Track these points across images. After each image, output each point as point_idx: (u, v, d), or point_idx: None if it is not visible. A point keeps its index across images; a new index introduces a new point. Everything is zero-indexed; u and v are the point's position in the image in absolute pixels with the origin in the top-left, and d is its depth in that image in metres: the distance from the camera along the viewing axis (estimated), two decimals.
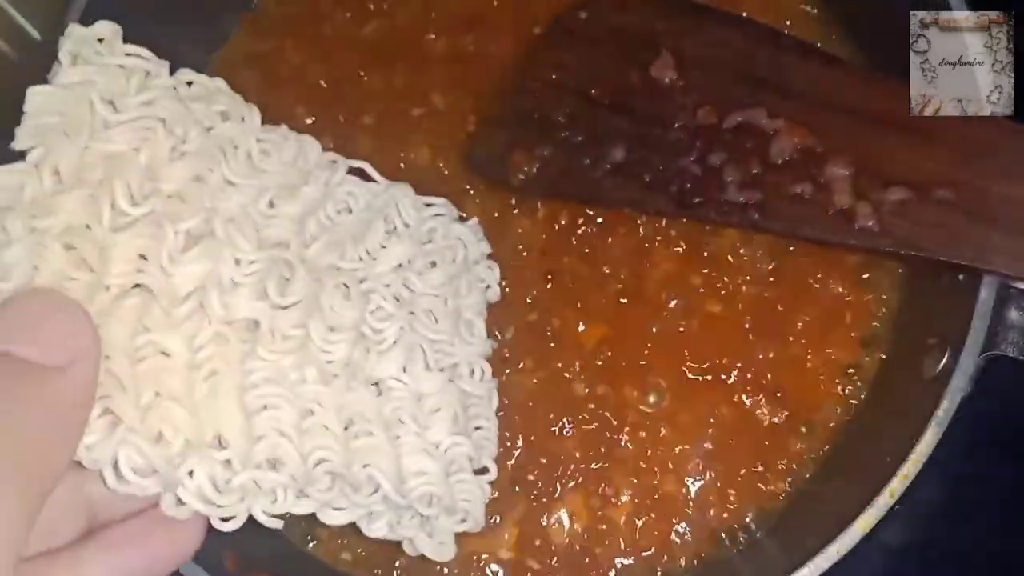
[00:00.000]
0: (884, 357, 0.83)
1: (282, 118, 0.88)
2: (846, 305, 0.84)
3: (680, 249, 0.85)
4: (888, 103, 0.74)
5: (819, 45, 0.84)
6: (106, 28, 0.55)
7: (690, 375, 0.83)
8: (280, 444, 0.52)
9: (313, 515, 0.56)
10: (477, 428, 0.65)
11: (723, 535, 0.80)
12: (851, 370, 0.83)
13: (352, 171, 0.66)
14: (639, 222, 0.85)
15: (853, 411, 0.82)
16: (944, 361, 0.73)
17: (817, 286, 0.84)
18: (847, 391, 0.83)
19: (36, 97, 0.51)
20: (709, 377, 0.83)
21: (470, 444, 0.62)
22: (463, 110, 0.91)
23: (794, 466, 0.81)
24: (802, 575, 0.68)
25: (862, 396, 0.82)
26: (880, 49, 0.84)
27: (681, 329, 0.83)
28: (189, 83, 0.57)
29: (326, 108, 0.91)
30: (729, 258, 0.84)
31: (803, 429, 0.82)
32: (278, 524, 0.53)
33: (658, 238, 0.85)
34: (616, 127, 0.84)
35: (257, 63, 0.93)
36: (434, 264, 0.65)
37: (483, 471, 0.65)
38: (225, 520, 0.51)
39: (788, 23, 0.90)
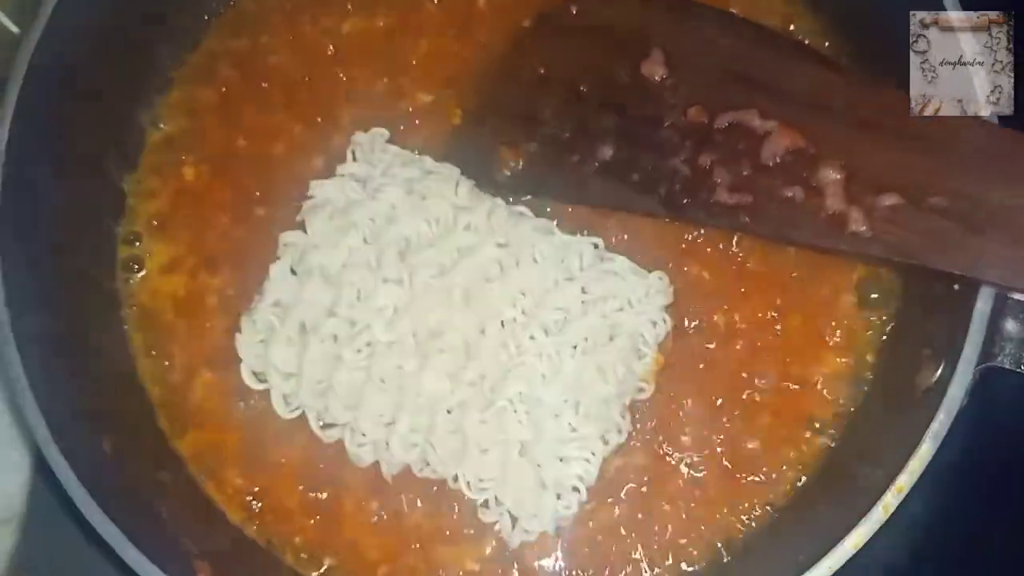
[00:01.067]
0: (877, 368, 0.81)
1: (263, 119, 0.88)
2: (837, 313, 0.82)
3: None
4: (883, 108, 0.72)
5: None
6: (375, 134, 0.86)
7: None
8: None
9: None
10: (584, 459, 0.78)
11: (719, 544, 0.79)
12: (843, 381, 0.81)
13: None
14: None
15: (845, 424, 0.80)
16: (939, 373, 0.71)
17: (807, 292, 0.82)
18: (839, 404, 0.81)
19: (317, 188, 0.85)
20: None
21: (558, 468, 0.77)
22: (448, 104, 0.89)
23: (786, 478, 0.80)
24: None
25: (854, 409, 0.81)
26: (874, 54, 0.82)
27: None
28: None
29: (305, 107, 0.90)
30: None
31: (791, 440, 0.80)
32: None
33: None
34: (605, 124, 0.82)
35: (235, 61, 0.92)
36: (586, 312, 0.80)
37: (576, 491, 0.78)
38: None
39: (781, 25, 0.88)
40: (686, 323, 0.83)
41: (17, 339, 0.72)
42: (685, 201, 0.77)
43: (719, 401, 0.82)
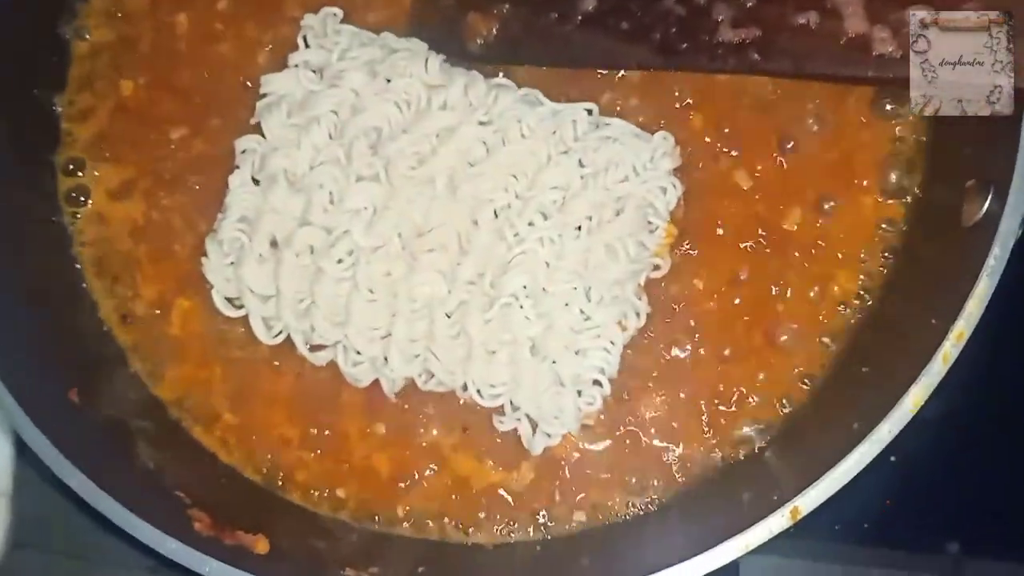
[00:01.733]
0: (916, 207, 0.75)
1: (201, 17, 0.82)
2: (864, 151, 0.76)
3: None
4: None
5: None
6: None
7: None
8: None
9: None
10: (602, 349, 0.73)
11: (753, 429, 0.74)
12: (877, 228, 0.76)
13: None
14: None
15: (887, 276, 0.75)
16: (988, 204, 0.65)
17: (830, 130, 0.76)
18: (877, 256, 0.75)
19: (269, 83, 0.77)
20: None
21: (575, 362, 0.73)
22: None
23: (825, 345, 0.75)
24: (859, 455, 0.62)
25: (894, 258, 0.75)
26: None
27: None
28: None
29: None
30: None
31: (828, 297, 0.75)
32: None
33: None
34: None
35: None
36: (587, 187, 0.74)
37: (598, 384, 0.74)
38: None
39: None
40: (699, 185, 0.76)
41: None
42: (684, 46, 0.72)
43: (743, 271, 0.76)
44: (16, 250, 0.75)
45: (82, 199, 0.80)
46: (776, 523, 0.61)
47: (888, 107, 0.76)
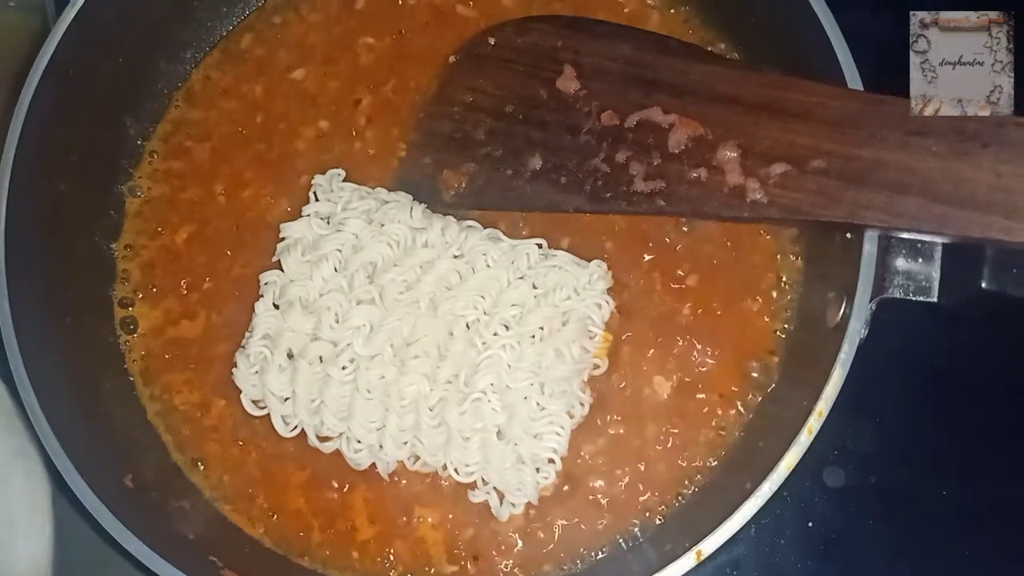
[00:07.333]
0: (795, 318, 0.92)
1: (231, 178, 1.00)
2: (757, 278, 0.93)
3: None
4: (764, 91, 0.83)
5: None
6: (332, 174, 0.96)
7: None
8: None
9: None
10: (555, 433, 0.88)
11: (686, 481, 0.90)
12: (769, 335, 0.92)
13: None
14: None
15: (777, 371, 0.91)
16: (843, 310, 0.81)
17: (730, 263, 0.93)
18: (768, 352, 0.92)
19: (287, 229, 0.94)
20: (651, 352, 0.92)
21: (533, 444, 0.87)
22: (393, 141, 0.99)
23: (733, 427, 0.91)
24: (748, 508, 0.77)
25: (781, 358, 0.91)
26: (756, 46, 0.95)
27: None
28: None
29: (267, 162, 1.00)
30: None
31: (733, 388, 0.91)
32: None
33: None
34: (531, 138, 0.92)
35: (196, 131, 1.03)
36: (539, 304, 0.90)
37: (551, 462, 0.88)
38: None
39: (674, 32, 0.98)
40: (627, 303, 0.93)
41: (39, 396, 0.82)
42: (608, 195, 0.87)
43: (670, 369, 0.91)
44: (81, 366, 0.91)
45: (132, 326, 0.96)
46: (686, 563, 0.76)
47: (766, 236, 0.93)
